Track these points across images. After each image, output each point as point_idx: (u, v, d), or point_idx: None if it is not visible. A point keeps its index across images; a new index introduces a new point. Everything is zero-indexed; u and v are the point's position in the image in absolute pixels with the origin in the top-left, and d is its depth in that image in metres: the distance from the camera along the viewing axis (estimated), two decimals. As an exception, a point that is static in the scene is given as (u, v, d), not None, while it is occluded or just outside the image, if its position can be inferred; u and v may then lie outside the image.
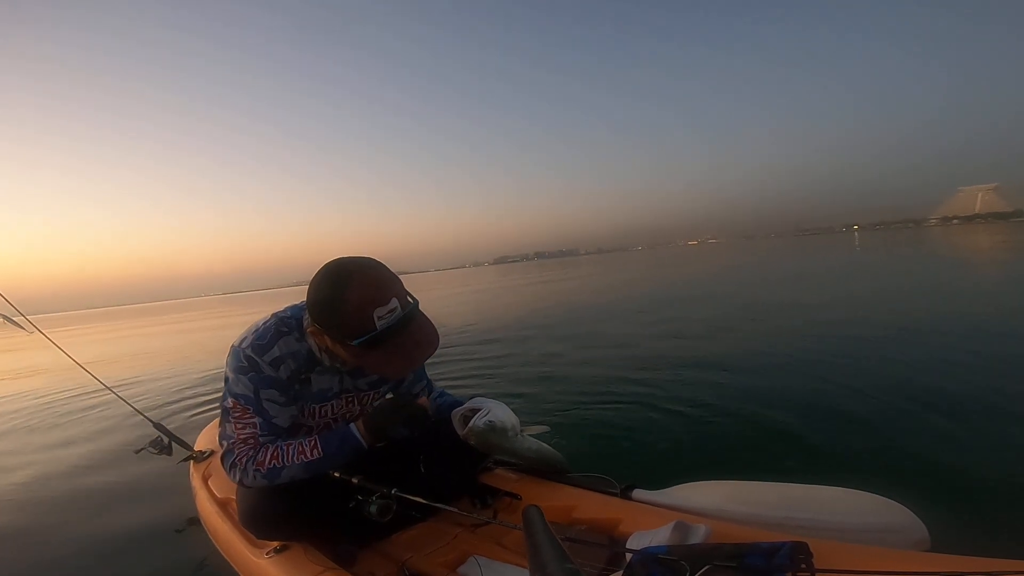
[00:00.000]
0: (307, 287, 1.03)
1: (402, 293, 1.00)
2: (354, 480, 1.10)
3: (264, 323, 1.09)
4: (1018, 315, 4.61)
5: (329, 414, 1.19)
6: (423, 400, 1.16)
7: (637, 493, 1.18)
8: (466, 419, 1.21)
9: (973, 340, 3.70)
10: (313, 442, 1.08)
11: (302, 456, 1.06)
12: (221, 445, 1.09)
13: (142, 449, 1.97)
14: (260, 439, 1.06)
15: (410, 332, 1.00)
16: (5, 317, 2.16)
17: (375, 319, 0.95)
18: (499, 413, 1.21)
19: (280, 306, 1.15)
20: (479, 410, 1.21)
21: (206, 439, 1.99)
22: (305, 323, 1.07)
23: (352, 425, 1.11)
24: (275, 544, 1.12)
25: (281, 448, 1.06)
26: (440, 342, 1.06)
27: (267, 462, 1.05)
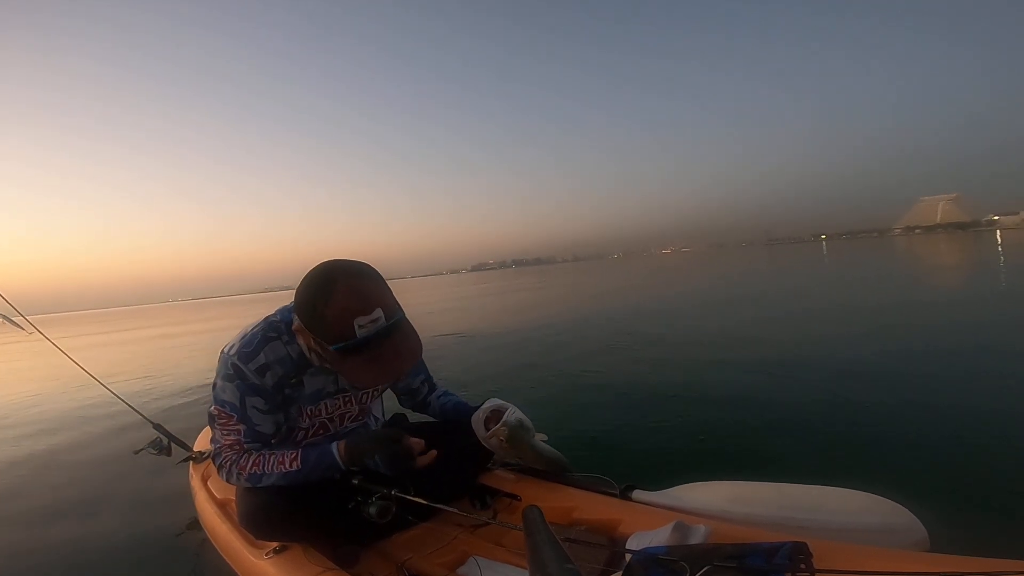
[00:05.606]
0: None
1: (389, 303, 0.98)
2: (354, 480, 1.10)
3: (252, 329, 1.09)
4: (1008, 321, 4.63)
5: (324, 414, 1.19)
6: (417, 441, 1.09)
7: (637, 494, 1.18)
8: (492, 419, 1.22)
9: (970, 344, 3.71)
10: (294, 455, 1.09)
11: (281, 467, 1.08)
12: (211, 446, 1.15)
13: (141, 450, 1.97)
14: (245, 445, 1.09)
15: (391, 342, 0.98)
16: (4, 317, 2.16)
17: (355, 327, 0.93)
18: (520, 413, 1.23)
19: (252, 313, 1.16)
20: (506, 410, 1.22)
21: (205, 440, 1.98)
22: (293, 322, 1.07)
23: (334, 445, 1.11)
24: (274, 545, 1.12)
25: (264, 456, 1.09)
26: (422, 351, 1.05)
27: (248, 468, 1.08)
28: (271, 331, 1.08)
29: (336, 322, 0.94)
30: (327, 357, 1.01)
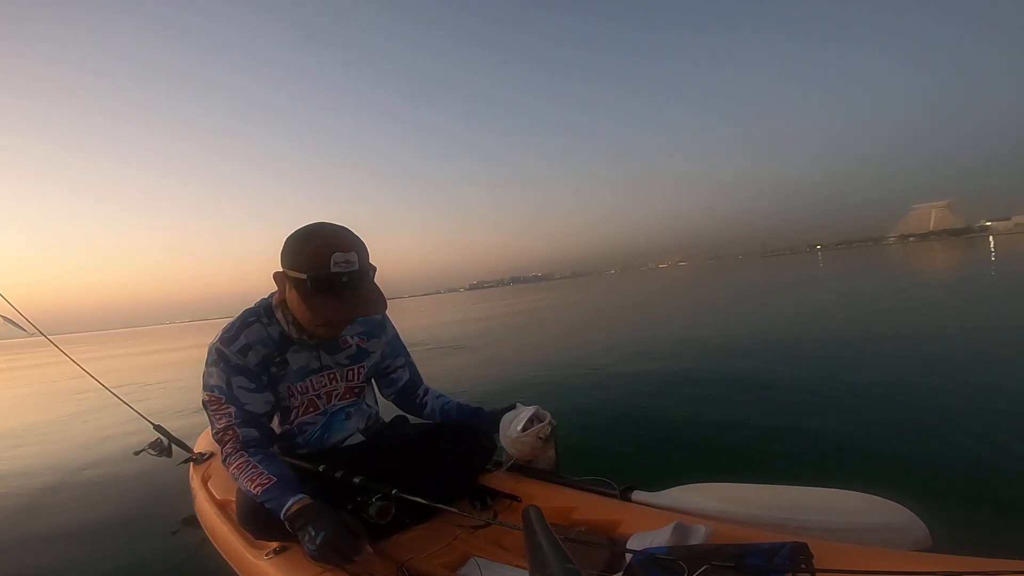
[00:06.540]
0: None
1: (364, 257, 1.08)
2: (355, 480, 1.11)
3: (233, 319, 1.17)
4: (1007, 324, 4.62)
5: (311, 390, 1.22)
6: (365, 553, 0.99)
7: (637, 495, 1.17)
8: (529, 421, 1.26)
9: (970, 346, 3.71)
10: (267, 481, 1.05)
11: (248, 483, 1.07)
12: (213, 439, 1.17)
13: (142, 451, 1.97)
14: (237, 427, 1.11)
15: (358, 288, 1.07)
16: (6, 319, 2.16)
17: (331, 261, 1.03)
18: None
19: None
20: (546, 414, 1.29)
21: (206, 441, 1.98)
22: (274, 298, 1.16)
23: (296, 497, 1.02)
24: (274, 545, 1.12)
25: (247, 464, 1.08)
26: (386, 308, 1.14)
27: (232, 467, 1.11)
28: (250, 316, 1.16)
29: (315, 253, 1.04)
30: (300, 293, 1.06)
